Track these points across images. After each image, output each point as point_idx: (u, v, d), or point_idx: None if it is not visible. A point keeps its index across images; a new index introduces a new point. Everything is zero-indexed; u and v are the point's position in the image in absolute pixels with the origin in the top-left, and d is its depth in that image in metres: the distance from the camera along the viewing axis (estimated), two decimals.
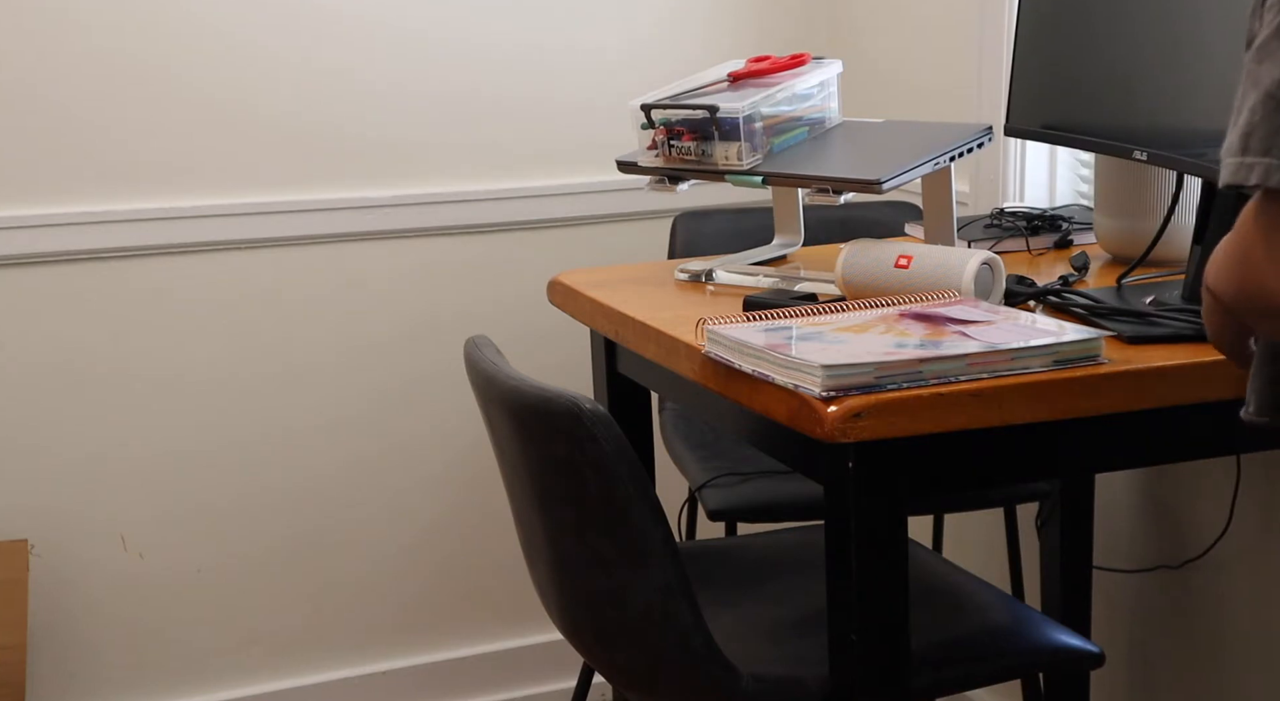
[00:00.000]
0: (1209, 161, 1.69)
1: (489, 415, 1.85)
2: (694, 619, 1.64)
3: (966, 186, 2.66)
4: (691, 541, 2.47)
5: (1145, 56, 1.83)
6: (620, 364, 2.09)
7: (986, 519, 2.69)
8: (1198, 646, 2.31)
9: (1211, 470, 2.26)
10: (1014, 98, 2.08)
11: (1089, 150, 2.12)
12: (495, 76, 2.88)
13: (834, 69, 2.15)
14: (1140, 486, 2.40)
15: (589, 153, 2.93)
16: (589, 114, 2.94)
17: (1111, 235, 2.09)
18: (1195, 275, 1.74)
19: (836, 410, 1.45)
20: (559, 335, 2.82)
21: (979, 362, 1.51)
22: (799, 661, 1.76)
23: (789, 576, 2.04)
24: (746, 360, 1.56)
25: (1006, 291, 1.78)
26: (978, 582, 1.99)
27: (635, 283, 2.08)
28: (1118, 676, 2.47)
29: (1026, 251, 2.16)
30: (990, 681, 1.86)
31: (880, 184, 1.89)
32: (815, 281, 1.96)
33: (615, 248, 2.98)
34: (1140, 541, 2.41)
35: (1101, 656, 1.87)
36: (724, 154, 2.00)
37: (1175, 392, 1.57)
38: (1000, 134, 2.11)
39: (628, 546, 1.65)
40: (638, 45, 2.96)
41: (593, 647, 1.84)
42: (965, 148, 1.99)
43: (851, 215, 2.57)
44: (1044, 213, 2.27)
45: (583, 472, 1.65)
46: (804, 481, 1.72)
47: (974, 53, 2.66)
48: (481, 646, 3.06)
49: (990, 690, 2.62)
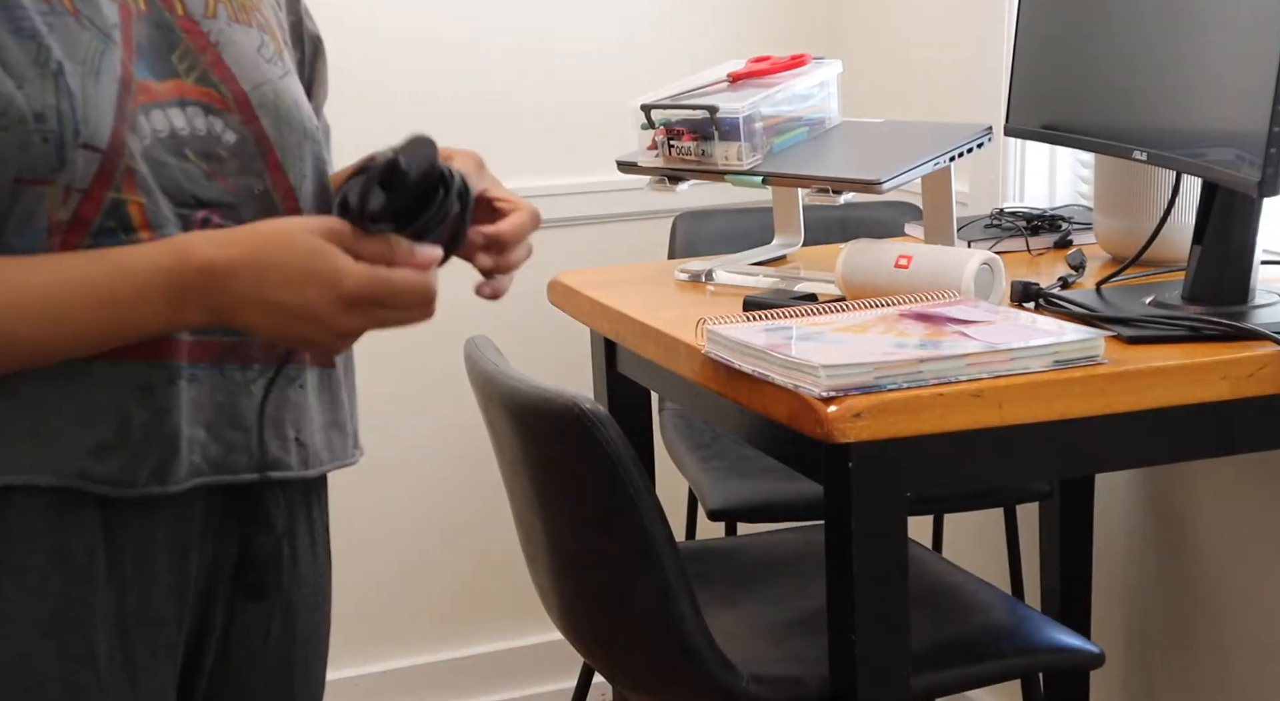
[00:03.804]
0: (1208, 161, 1.69)
1: (489, 415, 1.86)
2: (694, 619, 1.64)
3: (966, 186, 2.66)
4: (691, 541, 2.47)
5: (1145, 56, 1.83)
6: (620, 364, 2.09)
7: (986, 519, 2.69)
8: (1198, 646, 2.31)
9: (1211, 470, 2.26)
10: (1014, 98, 2.08)
11: (1089, 150, 2.12)
12: (495, 77, 2.88)
13: (834, 69, 2.15)
14: (1140, 486, 2.40)
15: (589, 153, 2.93)
16: (589, 114, 2.94)
17: (1111, 235, 2.09)
18: (1195, 275, 1.74)
19: (836, 410, 1.45)
20: (559, 335, 2.82)
21: (979, 362, 1.51)
22: (799, 661, 1.76)
23: (789, 576, 2.04)
24: (746, 360, 1.56)
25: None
26: (978, 582, 1.99)
27: (635, 283, 2.08)
28: (1117, 676, 2.47)
29: (1026, 251, 2.16)
30: (990, 681, 1.87)
31: (880, 184, 1.89)
32: (815, 281, 1.96)
33: (615, 248, 2.98)
34: (1140, 541, 2.41)
35: (1101, 656, 1.87)
36: (724, 154, 2.00)
37: (1175, 393, 1.57)
38: (1000, 134, 2.11)
39: (628, 546, 1.65)
40: (638, 45, 2.96)
41: (593, 647, 1.84)
42: (965, 148, 1.99)
43: (851, 215, 2.57)
44: (1044, 213, 2.27)
45: (583, 472, 1.65)
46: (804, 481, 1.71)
47: (974, 53, 2.66)
48: (481, 646, 3.06)
49: (990, 690, 2.62)
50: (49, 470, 1.10)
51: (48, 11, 1.07)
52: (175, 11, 1.16)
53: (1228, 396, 1.58)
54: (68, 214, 1.08)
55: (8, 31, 1.05)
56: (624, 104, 2.10)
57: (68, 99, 1.06)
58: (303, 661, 1.30)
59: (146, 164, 1.11)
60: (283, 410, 1.21)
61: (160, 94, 1.13)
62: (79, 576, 1.12)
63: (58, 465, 1.10)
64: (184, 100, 1.14)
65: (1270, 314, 1.69)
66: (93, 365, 1.11)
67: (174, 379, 1.14)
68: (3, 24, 1.05)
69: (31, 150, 1.05)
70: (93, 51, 1.09)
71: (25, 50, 1.06)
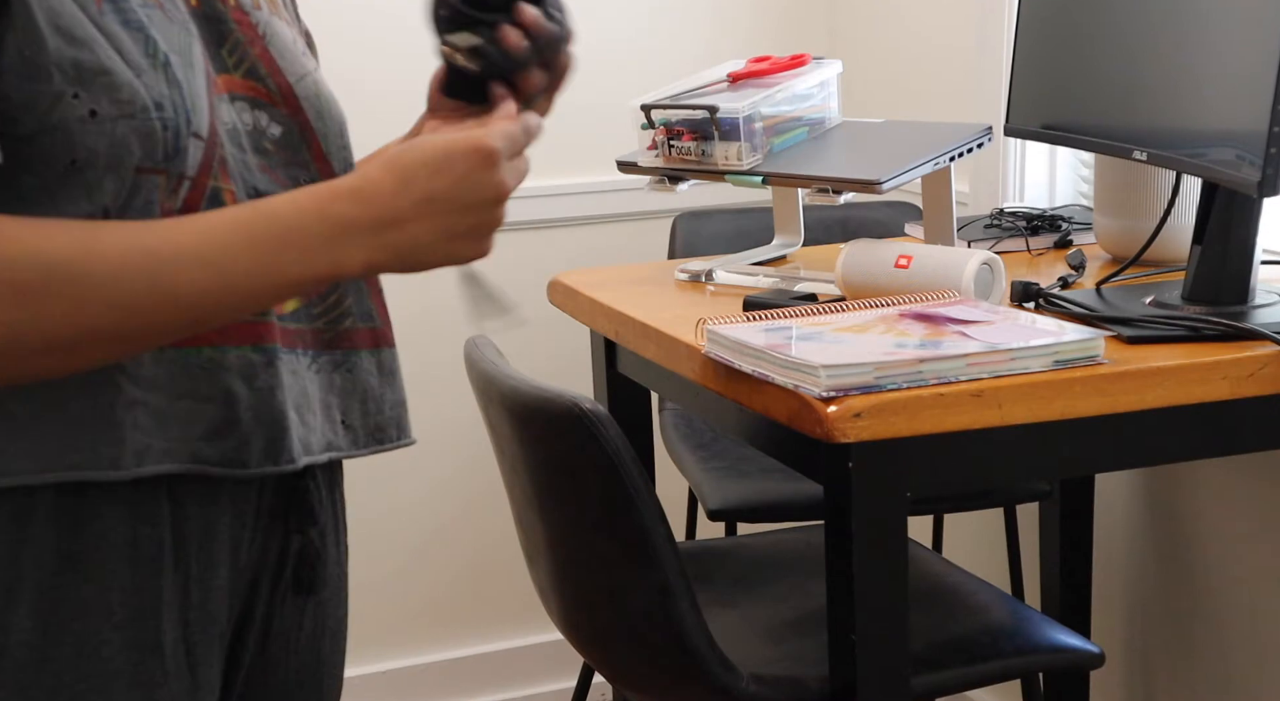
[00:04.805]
0: (1209, 161, 1.69)
1: (489, 415, 1.86)
2: (694, 619, 1.64)
3: (966, 186, 2.66)
4: (691, 541, 2.47)
5: (1145, 56, 1.83)
6: (620, 364, 2.09)
7: (986, 519, 2.69)
8: (1198, 646, 2.31)
9: (1211, 470, 2.26)
10: (1014, 98, 2.08)
11: (1089, 150, 2.12)
12: None
13: (834, 69, 2.15)
14: (1140, 486, 2.40)
15: (589, 153, 2.93)
16: (589, 114, 2.94)
17: (1111, 235, 2.09)
18: (1195, 275, 1.74)
19: (836, 410, 1.45)
20: (559, 335, 2.82)
21: (979, 362, 1.51)
22: (799, 661, 1.76)
23: (789, 576, 2.04)
24: (746, 360, 1.56)
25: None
26: (978, 582, 1.99)
27: (635, 283, 2.08)
28: (1118, 676, 2.47)
29: (1026, 251, 2.16)
30: (990, 681, 1.86)
31: (880, 184, 1.89)
32: (815, 281, 1.96)
33: (615, 248, 2.98)
34: (1140, 541, 2.41)
35: (1101, 656, 1.87)
36: (724, 154, 2.00)
37: (1175, 392, 1.57)
38: (1000, 134, 2.11)
39: (628, 546, 1.65)
40: (638, 45, 2.96)
41: (593, 647, 1.84)
42: (965, 148, 1.99)
43: (851, 215, 2.57)
44: (1044, 213, 2.27)
45: (583, 472, 1.65)
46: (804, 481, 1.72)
47: (974, 53, 2.66)
48: (481, 646, 3.06)
49: (990, 690, 2.62)
50: (167, 457, 1.10)
51: (144, 4, 1.09)
52: (227, 2, 1.17)
53: (1228, 396, 1.58)
54: (178, 203, 1.08)
55: (118, 23, 1.06)
56: (624, 104, 2.10)
57: (178, 89, 1.07)
58: (330, 655, 1.31)
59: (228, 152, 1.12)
60: (332, 393, 1.22)
61: (220, 87, 1.14)
62: (149, 568, 1.12)
63: (173, 451, 1.11)
64: (234, 95, 1.15)
65: (1270, 314, 1.69)
66: (201, 351, 1.11)
67: (272, 360, 1.15)
68: (114, 16, 1.06)
69: (153, 138, 1.05)
70: (183, 43, 1.10)
71: (136, 41, 1.06)
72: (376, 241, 1.07)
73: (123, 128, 1.04)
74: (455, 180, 1.09)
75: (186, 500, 1.13)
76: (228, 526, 1.17)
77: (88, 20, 1.04)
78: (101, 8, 1.05)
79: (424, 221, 1.09)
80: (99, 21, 1.05)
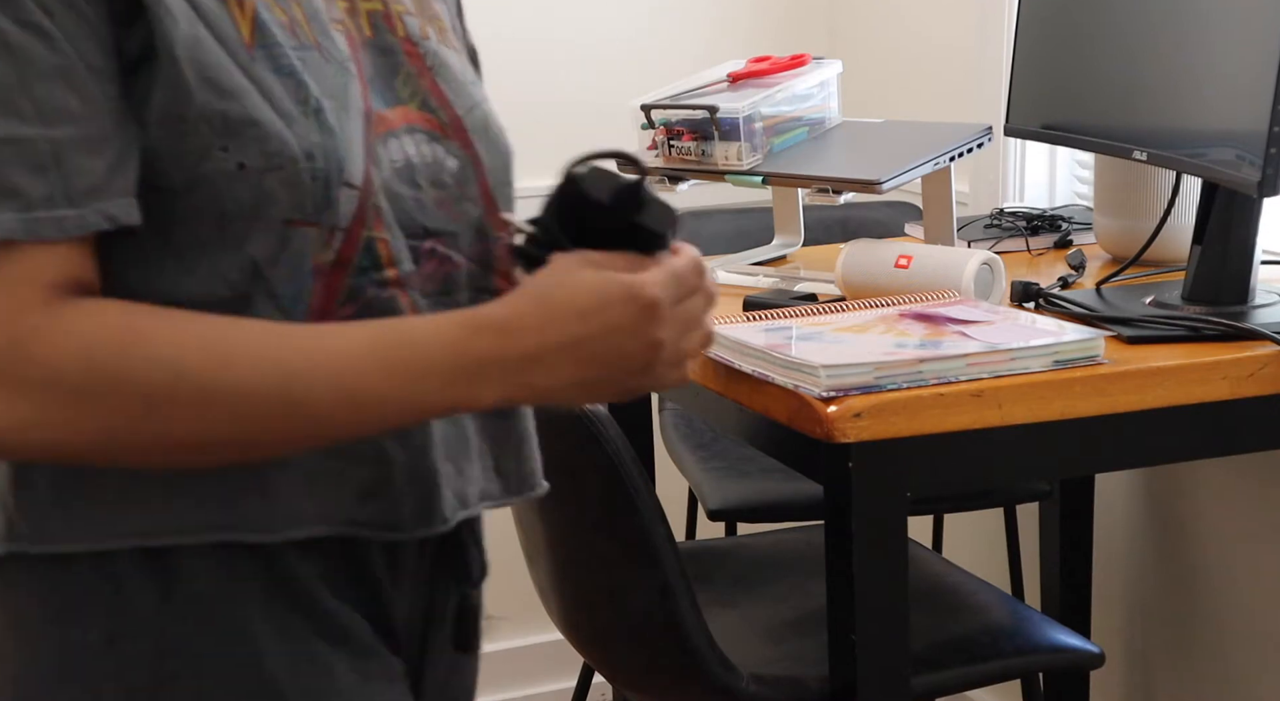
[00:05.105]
0: (1209, 161, 1.69)
1: None
2: (694, 619, 1.64)
3: (966, 186, 2.66)
4: (691, 541, 2.47)
5: (1145, 56, 1.83)
6: None
7: (986, 519, 2.69)
8: (1198, 646, 2.31)
9: (1211, 470, 2.26)
10: (1014, 98, 2.08)
11: (1089, 150, 2.12)
12: (495, 77, 2.87)
13: (834, 69, 2.15)
14: (1140, 486, 2.40)
15: None
16: (589, 114, 2.94)
17: (1111, 235, 2.09)
18: (1195, 275, 1.74)
19: (836, 410, 1.45)
20: None
21: (979, 362, 1.51)
22: (799, 661, 1.76)
23: (789, 576, 2.04)
24: (746, 360, 1.56)
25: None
26: (978, 582, 1.99)
27: None
28: (1118, 676, 2.47)
29: (1026, 251, 2.16)
30: (990, 681, 1.87)
31: (880, 184, 1.89)
32: (815, 281, 1.96)
33: None
34: (1140, 541, 2.41)
35: (1101, 656, 1.87)
36: (724, 154, 2.01)
37: (1175, 392, 1.57)
38: (1000, 134, 2.11)
39: (628, 546, 1.65)
40: (638, 45, 2.96)
41: (593, 647, 1.84)
42: (965, 148, 1.99)
43: (851, 215, 2.57)
44: (1044, 213, 2.27)
45: (583, 472, 1.65)
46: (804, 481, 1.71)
47: (974, 53, 2.66)
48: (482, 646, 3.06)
49: (990, 690, 2.62)
50: (320, 520, 1.07)
51: (298, 48, 1.05)
52: (397, 34, 1.14)
53: (1228, 396, 1.58)
54: (331, 255, 1.04)
55: (270, 70, 1.03)
56: (624, 104, 2.10)
57: (330, 137, 1.04)
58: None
59: (385, 197, 1.08)
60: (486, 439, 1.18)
61: (393, 122, 1.10)
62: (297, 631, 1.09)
63: (325, 513, 1.08)
64: (411, 127, 1.11)
65: (1270, 314, 1.70)
66: None
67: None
68: (265, 63, 1.03)
69: (301, 189, 1.02)
70: (338, 86, 1.06)
71: (287, 88, 1.03)
72: (515, 380, 1.02)
73: (270, 180, 1.01)
74: (604, 330, 1.01)
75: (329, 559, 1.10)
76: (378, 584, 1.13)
77: (237, 69, 1.01)
78: (253, 54, 1.02)
79: (565, 368, 1.01)
80: (249, 69, 1.02)
